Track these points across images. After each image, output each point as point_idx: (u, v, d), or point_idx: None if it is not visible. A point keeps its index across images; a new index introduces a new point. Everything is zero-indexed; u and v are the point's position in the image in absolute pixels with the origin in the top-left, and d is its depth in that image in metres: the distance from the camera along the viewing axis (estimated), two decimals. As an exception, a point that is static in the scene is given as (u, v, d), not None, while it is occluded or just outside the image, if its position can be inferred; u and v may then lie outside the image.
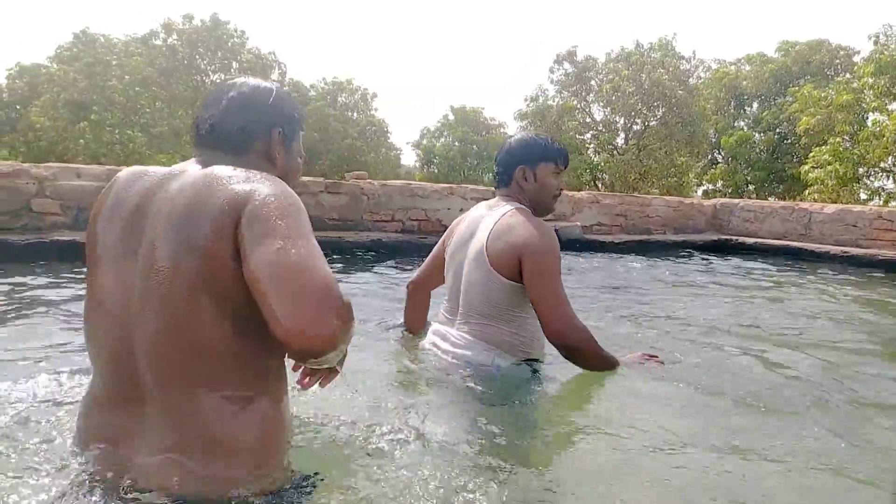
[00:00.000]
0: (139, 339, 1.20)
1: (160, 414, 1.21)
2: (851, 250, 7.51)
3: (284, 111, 1.45)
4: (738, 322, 3.82)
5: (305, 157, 1.58)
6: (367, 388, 2.04)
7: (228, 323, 1.19)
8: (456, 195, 7.17)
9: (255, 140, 1.39)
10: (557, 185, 2.33)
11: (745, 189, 26.71)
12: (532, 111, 25.92)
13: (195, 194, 1.21)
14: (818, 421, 2.10)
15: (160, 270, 1.18)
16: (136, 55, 24.85)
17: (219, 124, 1.36)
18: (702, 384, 2.38)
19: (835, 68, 25.35)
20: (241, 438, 1.22)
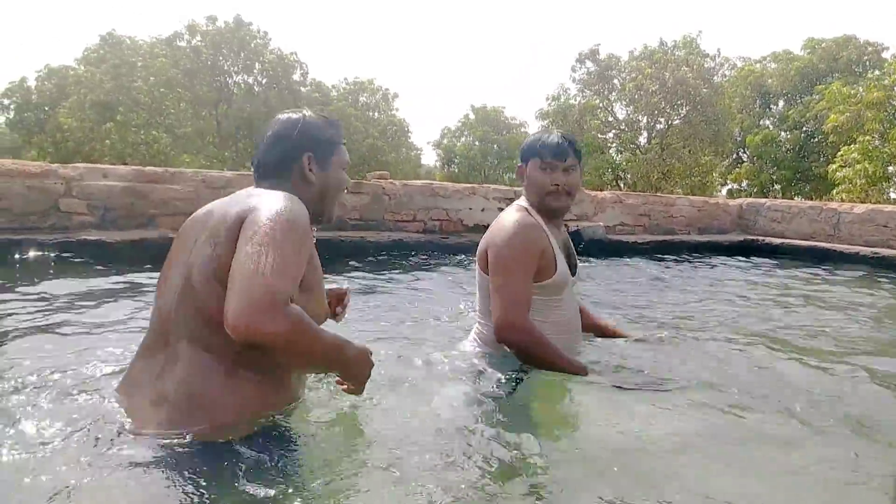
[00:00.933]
0: (175, 305, 1.53)
1: (167, 364, 1.52)
2: (882, 251, 7.33)
3: (312, 137, 1.69)
4: (761, 326, 3.75)
5: (349, 163, 1.82)
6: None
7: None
8: (478, 195, 7.13)
9: (290, 167, 1.67)
10: (550, 180, 2.21)
11: (770, 188, 26.32)
12: (553, 110, 25.78)
13: (227, 206, 1.55)
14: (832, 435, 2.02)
15: (193, 260, 1.52)
16: (160, 56, 25.19)
17: (262, 162, 1.70)
18: (711, 387, 2.33)
19: (863, 65, 24.89)
20: (211, 396, 1.49)
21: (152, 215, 5.30)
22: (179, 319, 1.52)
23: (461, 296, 4.18)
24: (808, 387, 2.44)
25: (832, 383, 2.54)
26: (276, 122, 1.73)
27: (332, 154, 1.73)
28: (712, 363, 2.66)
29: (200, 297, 1.48)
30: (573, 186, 2.24)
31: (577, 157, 2.27)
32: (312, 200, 1.67)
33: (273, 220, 1.42)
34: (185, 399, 1.48)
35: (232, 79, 27.33)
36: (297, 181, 1.67)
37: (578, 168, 2.27)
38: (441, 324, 3.26)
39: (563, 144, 2.23)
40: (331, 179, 1.73)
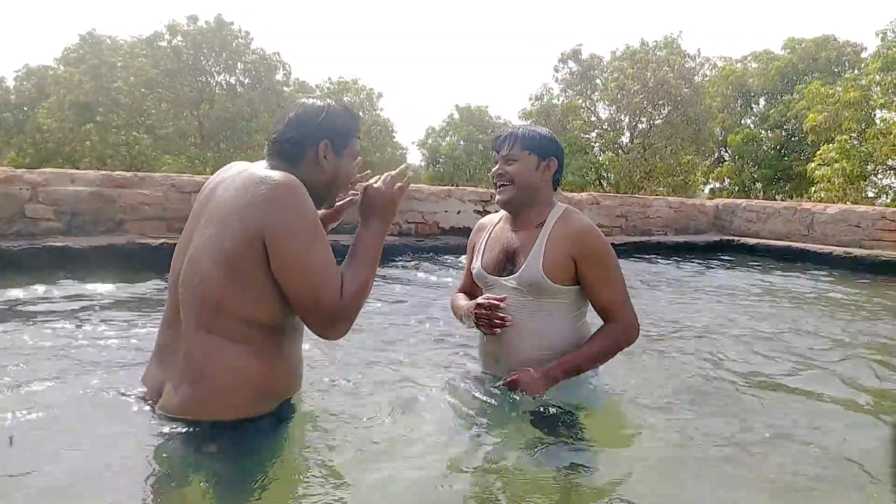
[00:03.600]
0: (183, 286, 1.64)
1: (180, 342, 1.64)
2: (854, 251, 7.43)
3: (333, 126, 1.76)
4: (729, 329, 3.77)
5: (362, 158, 1.91)
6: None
7: (232, 286, 1.58)
8: (454, 198, 7.13)
9: (305, 150, 1.73)
10: (493, 172, 2.25)
11: (751, 187, 26.49)
12: (536, 110, 25.77)
13: (234, 192, 1.62)
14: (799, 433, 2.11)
15: (199, 245, 1.63)
16: (141, 56, 24.89)
17: (278, 138, 1.75)
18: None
19: (842, 65, 25.08)
20: (216, 372, 1.61)
21: (121, 221, 5.24)
22: (187, 301, 1.62)
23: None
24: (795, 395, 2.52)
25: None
26: (300, 106, 1.78)
27: (347, 145, 1.80)
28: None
29: (208, 284, 1.58)
30: (515, 176, 2.16)
31: (528, 147, 2.17)
32: (320, 186, 1.76)
33: (298, 237, 1.56)
34: (203, 383, 1.61)
35: (214, 79, 27.06)
36: (310, 166, 1.73)
37: (528, 159, 2.16)
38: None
39: (503, 134, 2.23)
40: (342, 169, 1.80)
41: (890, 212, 7.68)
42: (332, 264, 1.62)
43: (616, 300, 2.12)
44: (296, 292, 1.58)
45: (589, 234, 2.13)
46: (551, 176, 2.21)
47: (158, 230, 5.37)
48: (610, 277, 2.12)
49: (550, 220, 2.17)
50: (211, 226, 1.62)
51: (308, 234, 1.58)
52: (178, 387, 1.62)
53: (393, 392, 2.28)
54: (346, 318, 1.63)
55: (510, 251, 2.20)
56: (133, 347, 2.68)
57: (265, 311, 1.62)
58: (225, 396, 1.62)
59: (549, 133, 2.24)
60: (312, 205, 1.63)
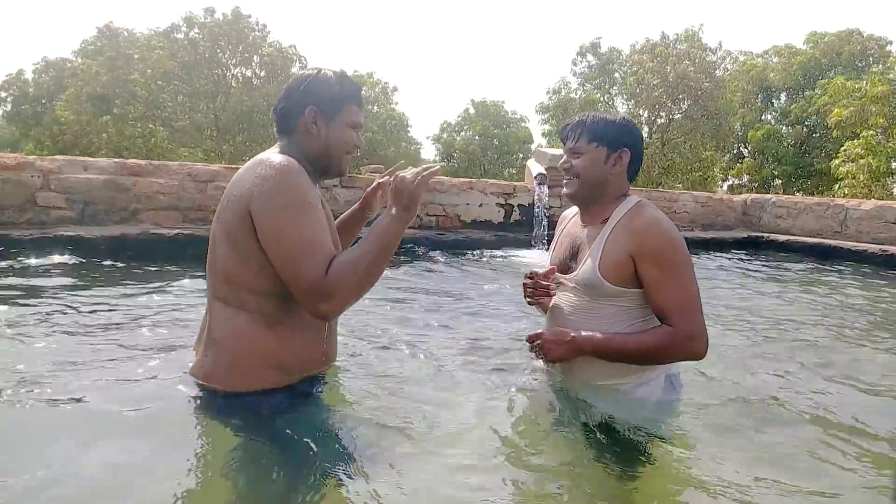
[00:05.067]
0: (209, 262, 1.77)
1: (208, 315, 1.77)
2: (891, 249, 7.13)
3: (318, 92, 1.76)
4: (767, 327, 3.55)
5: (363, 127, 1.88)
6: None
7: (235, 257, 1.68)
8: (475, 190, 6.92)
9: (295, 118, 1.77)
10: (560, 164, 2.14)
11: (771, 184, 26.07)
12: (554, 104, 25.48)
13: (240, 178, 1.70)
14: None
15: (216, 227, 1.74)
16: (158, 49, 24.85)
17: (274, 111, 1.83)
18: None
19: (867, 60, 24.58)
20: (227, 340, 1.70)
21: (135, 210, 5.10)
22: (210, 277, 1.75)
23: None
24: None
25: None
26: (291, 77, 1.83)
27: (340, 111, 1.79)
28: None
29: (218, 256, 1.70)
30: (580, 170, 1.99)
31: (595, 138, 1.98)
32: (317, 155, 1.78)
33: (276, 208, 1.59)
34: (217, 350, 1.71)
35: (230, 72, 26.98)
36: (302, 135, 1.78)
37: (595, 152, 1.98)
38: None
39: (570, 123, 2.05)
40: (334, 135, 1.79)
41: (928, 208, 7.38)
42: (319, 241, 1.61)
43: (673, 304, 1.85)
44: (277, 264, 1.61)
45: (653, 227, 1.88)
46: (625, 168, 2.00)
47: (173, 220, 5.22)
48: (669, 279, 1.85)
49: (617, 214, 1.96)
50: (222, 205, 1.72)
51: (291, 209, 1.60)
52: (202, 353, 1.75)
53: (435, 384, 2.19)
54: (327, 297, 1.58)
55: (575, 248, 2.05)
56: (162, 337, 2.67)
57: (268, 281, 1.66)
58: (236, 363, 1.69)
59: (621, 119, 2.02)
60: (306, 185, 1.65)
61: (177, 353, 2.27)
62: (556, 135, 25.20)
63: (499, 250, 6.31)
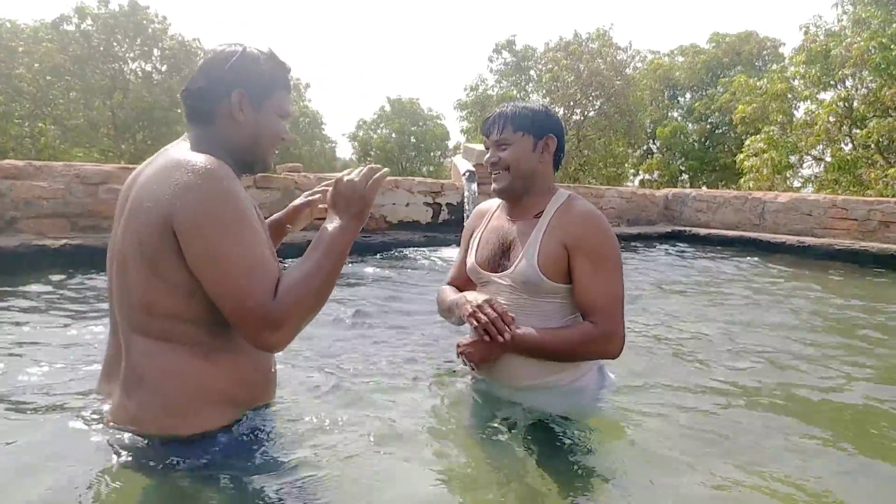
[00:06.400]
0: (115, 289, 1.46)
1: (123, 350, 1.46)
2: (807, 240, 7.33)
3: (247, 72, 1.49)
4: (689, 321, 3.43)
5: (292, 116, 1.64)
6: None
7: (156, 283, 1.38)
8: (402, 189, 6.55)
9: (217, 104, 1.49)
10: (486, 160, 2.08)
11: (679, 178, 27.10)
12: (472, 101, 25.47)
13: (149, 184, 1.39)
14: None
15: (122, 246, 1.41)
16: (45, 41, 22.95)
17: (187, 92, 1.51)
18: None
19: (763, 59, 25.96)
20: (157, 378, 1.41)
21: (12, 218, 4.40)
22: (121, 303, 1.45)
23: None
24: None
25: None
26: (209, 52, 1.53)
27: (269, 96, 1.54)
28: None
29: (133, 282, 1.40)
30: (510, 162, 1.92)
31: (521, 127, 1.91)
32: (243, 147, 1.53)
33: (208, 224, 1.32)
34: (145, 391, 1.42)
35: (128, 66, 25.28)
36: (226, 122, 1.51)
37: (523, 141, 1.92)
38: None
39: (490, 116, 1.98)
40: (263, 125, 1.55)
41: (840, 200, 7.64)
42: (260, 260, 1.35)
43: (601, 301, 1.81)
44: (213, 293, 1.35)
45: (590, 220, 1.85)
46: (551, 156, 1.96)
47: (60, 229, 4.55)
48: (600, 274, 1.81)
49: (551, 207, 1.92)
50: (130, 217, 1.40)
51: (225, 224, 1.33)
52: (122, 396, 1.45)
53: (377, 399, 2.06)
54: (278, 327, 1.33)
55: (505, 244, 1.97)
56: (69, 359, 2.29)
57: (200, 307, 1.39)
58: (171, 404, 1.42)
59: (542, 107, 1.97)
60: (238, 191, 1.38)
61: (80, 396, 1.84)
62: (477, 132, 25.18)
63: (428, 251, 5.99)
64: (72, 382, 2.03)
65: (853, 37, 15.17)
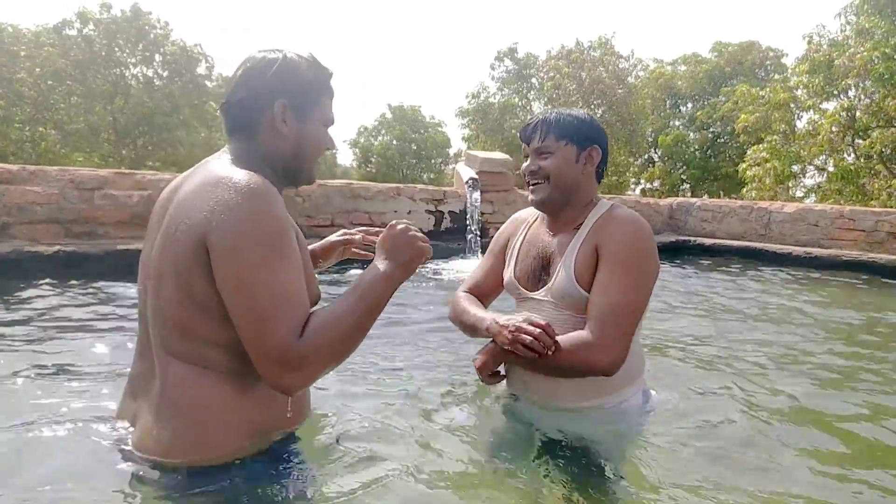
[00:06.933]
0: (148, 308, 1.39)
1: (154, 370, 1.39)
2: (814, 251, 7.22)
3: (291, 81, 1.43)
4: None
5: (334, 122, 1.56)
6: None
7: (190, 305, 1.30)
8: (403, 196, 6.45)
9: (259, 115, 1.42)
10: (524, 168, 1.98)
11: (680, 188, 27.04)
12: (474, 108, 25.45)
13: (187, 202, 1.31)
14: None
15: (158, 264, 1.35)
16: (47, 46, 22.97)
17: (227, 101, 1.44)
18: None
19: (765, 69, 25.94)
20: (193, 406, 1.34)
21: (4, 224, 4.30)
22: (155, 324, 1.38)
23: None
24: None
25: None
26: (248, 60, 1.45)
27: (314, 106, 1.47)
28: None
29: (170, 306, 1.33)
30: (550, 171, 1.81)
31: (564, 135, 1.81)
32: (286, 159, 1.46)
33: (244, 248, 1.23)
34: (180, 418, 1.36)
35: (129, 71, 25.30)
36: (267, 135, 1.44)
37: (566, 150, 1.81)
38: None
39: (532, 122, 1.87)
40: (308, 135, 1.47)
41: (848, 210, 7.53)
42: (291, 293, 1.26)
43: (606, 306, 1.66)
44: (236, 320, 1.26)
45: (623, 224, 1.74)
46: (594, 168, 1.85)
47: (53, 235, 4.45)
48: (616, 277, 1.68)
49: (591, 219, 1.82)
50: (167, 236, 1.32)
51: (259, 249, 1.24)
52: (155, 424, 1.36)
53: (409, 419, 1.93)
54: (297, 368, 1.24)
55: (545, 258, 1.86)
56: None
57: (235, 333, 1.29)
58: (207, 434, 1.36)
59: (587, 116, 1.87)
60: (281, 214, 1.29)
61: (94, 416, 1.71)
62: (478, 139, 25.03)
63: (430, 261, 5.88)
64: (83, 398, 1.93)
65: (856, 47, 15.12)
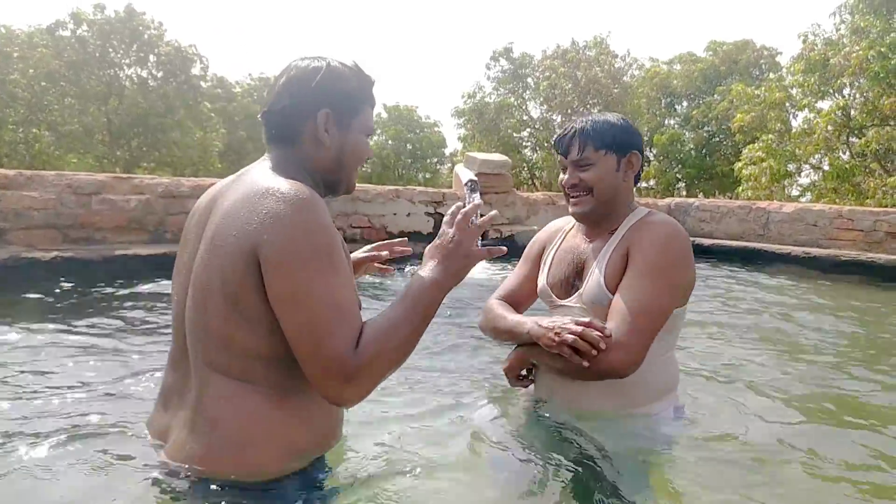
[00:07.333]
0: (187, 319, 1.36)
1: (190, 382, 1.36)
2: (813, 251, 7.22)
3: (335, 90, 1.42)
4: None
5: (374, 131, 1.55)
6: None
7: (237, 317, 1.28)
8: (403, 198, 6.42)
9: (302, 124, 1.41)
10: (563, 181, 1.92)
11: (675, 187, 27.08)
12: (469, 108, 25.43)
13: (233, 209, 1.30)
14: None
15: (200, 273, 1.32)
16: (41, 47, 22.85)
17: (269, 110, 1.43)
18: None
19: (760, 68, 25.99)
20: (232, 421, 1.31)
21: (1, 230, 4.26)
22: (195, 336, 1.34)
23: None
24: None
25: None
26: (292, 68, 1.43)
27: (357, 114, 1.46)
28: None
29: (212, 315, 1.30)
30: (593, 184, 1.78)
31: (604, 145, 1.77)
32: (327, 169, 1.45)
33: (299, 261, 1.22)
34: (218, 433, 1.32)
35: (123, 72, 25.20)
36: (309, 144, 1.43)
37: (606, 160, 1.78)
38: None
39: (567, 133, 1.82)
40: (349, 145, 1.46)
41: (846, 210, 7.54)
42: (346, 305, 1.25)
43: (625, 305, 1.62)
44: (291, 334, 1.24)
45: (655, 228, 1.72)
46: (634, 174, 1.83)
47: (51, 241, 4.41)
48: (640, 279, 1.65)
49: (625, 225, 1.79)
50: (214, 248, 1.30)
51: (313, 261, 1.23)
52: (189, 437, 1.34)
53: (436, 435, 1.90)
54: (355, 380, 1.23)
55: (580, 264, 1.84)
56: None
57: (281, 346, 1.28)
58: (244, 451, 1.32)
59: (621, 120, 1.83)
60: (329, 225, 1.28)
61: (114, 425, 1.72)
62: (475, 139, 24.98)
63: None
64: (98, 408, 1.91)
65: (851, 46, 15.15)
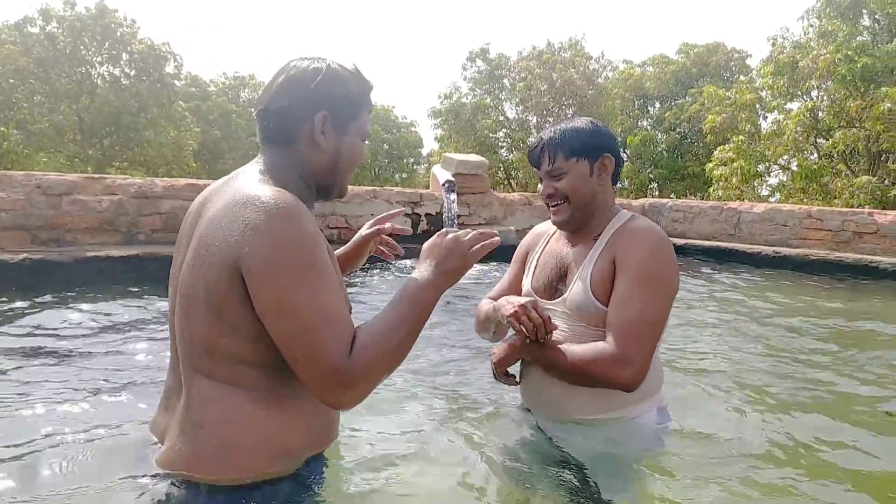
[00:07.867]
0: (176, 324, 1.37)
1: (182, 386, 1.37)
2: (783, 250, 7.38)
3: (333, 93, 1.41)
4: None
5: (369, 135, 1.55)
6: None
7: (220, 325, 1.28)
8: (380, 199, 6.42)
9: (299, 126, 1.40)
10: (541, 192, 1.93)
11: (648, 187, 27.42)
12: (446, 109, 25.45)
13: (218, 218, 1.28)
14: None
15: (187, 280, 1.32)
16: (8, 43, 22.33)
17: (265, 109, 1.41)
18: None
19: (730, 70, 26.42)
20: (215, 424, 1.32)
21: (-32, 231, 4.18)
22: (182, 341, 1.36)
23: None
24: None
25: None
26: (291, 68, 1.42)
27: (354, 118, 1.45)
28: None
29: (195, 321, 1.31)
30: (568, 192, 1.81)
31: (574, 153, 1.79)
32: (321, 172, 1.44)
33: (281, 271, 1.21)
34: (202, 436, 1.33)
35: (95, 70, 24.71)
36: (305, 146, 1.42)
37: (578, 167, 1.80)
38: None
39: (537, 146, 1.85)
40: (345, 149, 1.45)
41: (815, 210, 7.72)
42: (335, 312, 1.24)
43: (626, 320, 1.64)
44: (283, 342, 1.24)
45: (642, 235, 1.74)
46: (609, 176, 1.85)
47: (19, 242, 4.33)
48: (636, 291, 1.66)
49: (608, 230, 1.81)
50: (198, 256, 1.30)
51: (297, 271, 1.22)
52: (178, 440, 1.35)
53: (430, 437, 1.97)
54: (350, 384, 1.23)
55: (563, 268, 1.86)
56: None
57: (267, 352, 1.29)
58: (229, 453, 1.32)
59: (589, 125, 1.84)
60: (313, 232, 1.26)
61: (110, 428, 1.78)
62: (451, 139, 24.97)
63: (409, 262, 5.87)
64: (89, 413, 1.95)
65: (819, 49, 15.49)
